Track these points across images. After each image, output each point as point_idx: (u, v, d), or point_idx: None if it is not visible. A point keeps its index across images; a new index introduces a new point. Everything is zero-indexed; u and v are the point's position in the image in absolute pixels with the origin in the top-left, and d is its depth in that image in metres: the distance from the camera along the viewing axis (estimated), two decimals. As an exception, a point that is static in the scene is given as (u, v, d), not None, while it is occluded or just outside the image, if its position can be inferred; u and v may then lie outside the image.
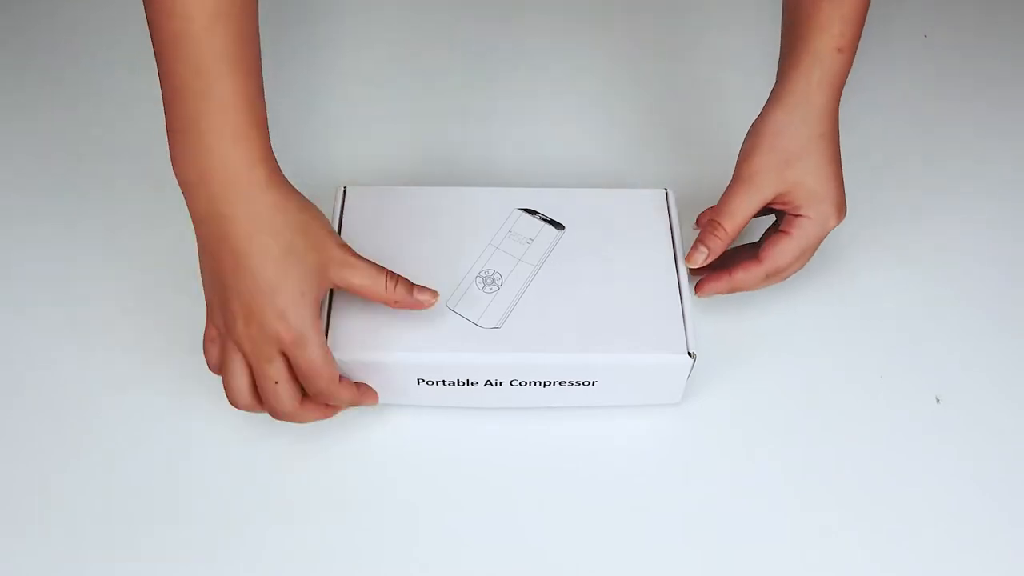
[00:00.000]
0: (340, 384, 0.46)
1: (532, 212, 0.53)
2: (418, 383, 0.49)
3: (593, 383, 0.49)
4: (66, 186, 0.62)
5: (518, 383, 0.49)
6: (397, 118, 0.67)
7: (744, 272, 0.51)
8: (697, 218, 0.55)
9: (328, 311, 0.48)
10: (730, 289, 0.52)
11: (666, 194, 0.55)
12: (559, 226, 0.53)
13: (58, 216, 0.60)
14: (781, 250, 0.50)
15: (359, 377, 0.49)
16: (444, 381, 0.49)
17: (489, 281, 0.50)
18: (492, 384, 0.49)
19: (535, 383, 0.49)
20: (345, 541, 0.47)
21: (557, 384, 0.49)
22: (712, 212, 0.55)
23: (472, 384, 0.49)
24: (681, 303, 0.50)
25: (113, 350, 0.54)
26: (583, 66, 0.71)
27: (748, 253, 0.52)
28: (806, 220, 0.50)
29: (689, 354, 0.48)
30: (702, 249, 0.51)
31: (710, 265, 0.52)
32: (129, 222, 0.60)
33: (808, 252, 0.51)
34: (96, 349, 0.54)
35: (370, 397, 0.49)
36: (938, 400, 0.52)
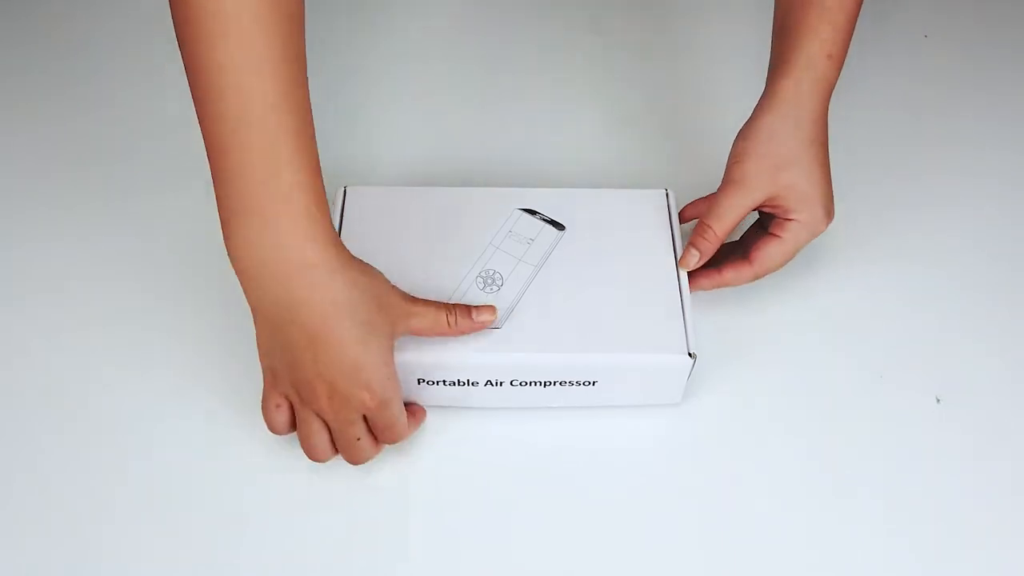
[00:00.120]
0: (409, 426, 0.47)
1: (532, 212, 0.53)
2: (419, 383, 0.49)
3: (593, 383, 0.49)
4: (67, 185, 0.62)
5: (518, 383, 0.49)
6: (397, 119, 0.67)
7: (734, 272, 0.52)
8: (680, 211, 0.55)
9: None
10: (718, 287, 0.53)
11: (666, 195, 0.55)
12: (559, 226, 0.53)
13: (60, 215, 0.60)
14: (771, 253, 0.51)
15: None
16: (444, 381, 0.49)
17: (489, 281, 0.50)
18: (492, 384, 0.49)
19: (535, 383, 0.49)
20: (343, 539, 0.47)
21: (557, 384, 0.49)
22: (693, 209, 0.56)
23: (472, 384, 0.49)
24: (681, 303, 0.50)
25: (115, 349, 0.54)
26: (584, 66, 0.71)
27: (736, 252, 0.53)
28: (797, 224, 0.50)
29: (689, 354, 0.48)
30: (694, 252, 0.51)
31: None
32: (132, 220, 0.60)
33: (794, 253, 0.52)
34: (98, 349, 0.54)
35: (419, 420, 0.50)
36: (938, 400, 0.52)
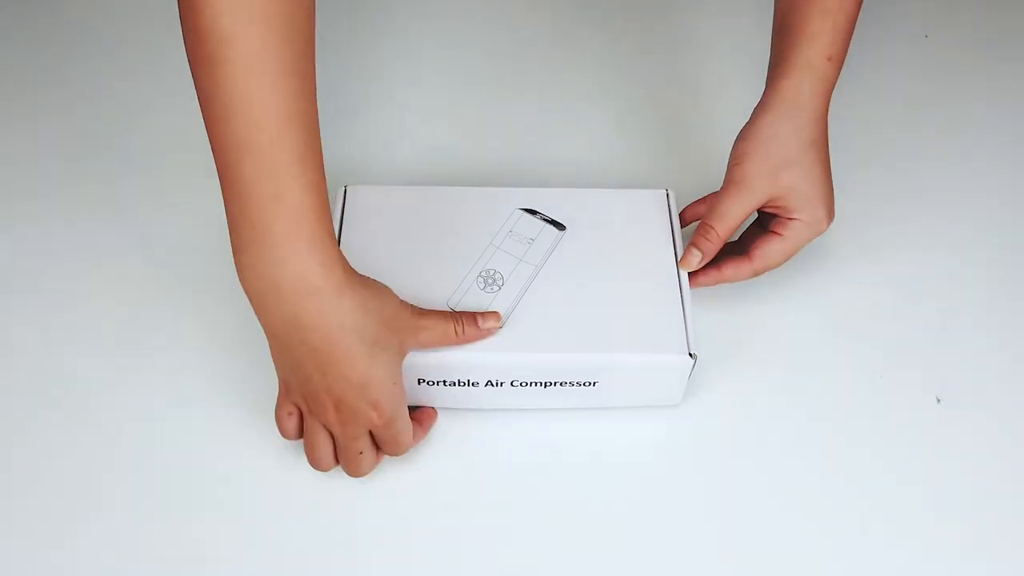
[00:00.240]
0: (415, 435, 0.48)
1: (533, 212, 0.53)
2: (419, 383, 0.49)
3: (594, 384, 0.49)
4: (69, 182, 0.62)
5: (519, 384, 0.49)
6: (397, 118, 0.67)
7: (733, 269, 0.52)
8: (680, 213, 0.56)
9: None
10: (717, 283, 0.53)
11: (667, 195, 0.55)
12: (560, 226, 0.53)
13: (60, 215, 0.60)
14: (772, 250, 0.52)
15: None
16: (445, 381, 0.49)
17: (490, 281, 0.50)
18: (493, 385, 0.49)
19: (536, 384, 0.49)
20: (342, 540, 0.47)
21: (558, 385, 0.49)
22: (692, 211, 0.56)
23: (473, 384, 0.49)
24: (682, 304, 0.50)
25: (117, 350, 0.54)
26: (585, 65, 0.71)
27: (736, 249, 0.53)
28: (799, 223, 0.51)
29: (690, 355, 0.48)
30: (695, 252, 0.51)
31: None
32: (136, 218, 0.60)
33: (795, 252, 0.52)
34: (100, 349, 0.54)
35: (426, 426, 0.50)
36: (938, 400, 0.53)
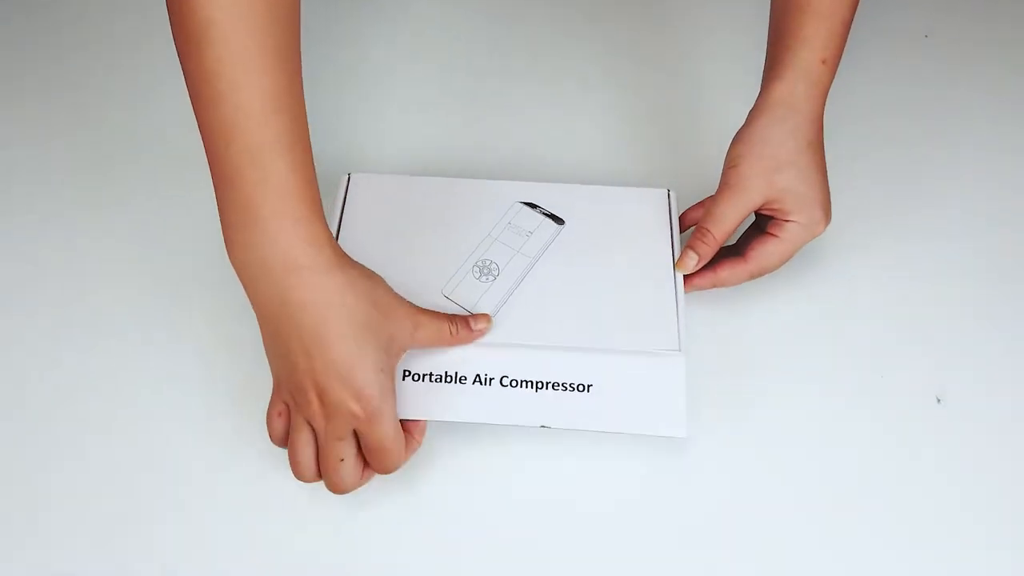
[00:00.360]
0: (404, 454, 0.45)
1: (533, 206, 0.53)
2: (404, 377, 0.47)
3: (588, 388, 0.47)
4: (70, 178, 0.62)
5: (508, 383, 0.48)
6: (402, 111, 0.67)
7: (730, 271, 0.52)
8: (681, 216, 0.55)
9: None
10: (713, 286, 0.53)
11: (668, 194, 0.55)
12: (559, 221, 0.53)
13: (62, 214, 0.60)
14: (768, 252, 0.51)
15: None
16: (431, 375, 0.47)
17: (485, 271, 0.50)
18: (481, 382, 0.48)
19: (526, 384, 0.47)
20: (329, 551, 0.47)
21: (550, 388, 0.47)
22: (689, 215, 0.56)
23: (461, 381, 0.47)
24: (676, 304, 0.50)
25: (117, 351, 0.54)
26: (588, 65, 0.71)
27: (732, 251, 0.53)
28: (796, 225, 0.51)
29: (679, 350, 0.48)
30: (692, 255, 0.51)
31: None
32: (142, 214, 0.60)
33: (793, 253, 0.52)
34: (100, 351, 0.54)
35: (417, 439, 0.47)
36: (938, 400, 0.52)
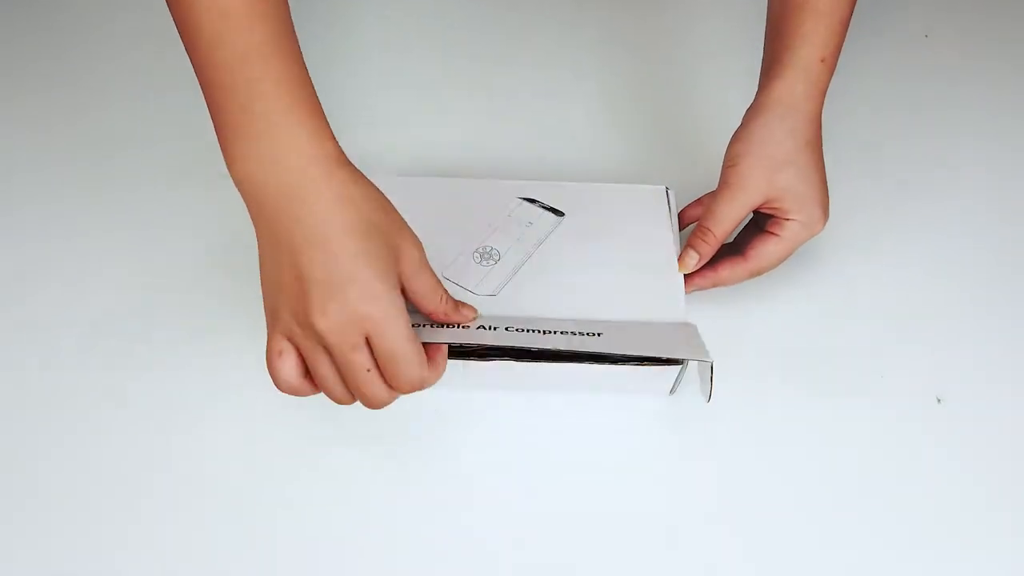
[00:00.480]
0: (426, 368, 0.42)
1: (533, 201, 0.54)
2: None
3: (598, 334, 0.47)
4: (70, 178, 0.62)
5: (514, 329, 0.47)
6: (398, 114, 0.67)
7: (730, 270, 0.52)
8: (680, 213, 0.56)
9: None
10: (714, 285, 0.53)
11: (667, 192, 0.55)
12: (559, 213, 0.53)
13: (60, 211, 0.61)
14: (768, 251, 0.52)
15: None
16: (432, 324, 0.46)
17: (486, 256, 0.51)
18: (485, 328, 0.47)
19: (534, 332, 0.47)
20: (327, 519, 0.47)
21: (560, 333, 0.47)
22: (688, 213, 0.56)
23: (464, 327, 0.47)
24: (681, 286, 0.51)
25: (120, 347, 0.54)
26: (589, 65, 0.71)
27: (731, 250, 0.53)
28: (795, 223, 0.51)
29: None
30: (693, 254, 0.52)
31: None
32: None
33: (792, 252, 0.52)
34: (105, 344, 0.54)
35: (438, 364, 0.45)
36: (939, 400, 0.52)
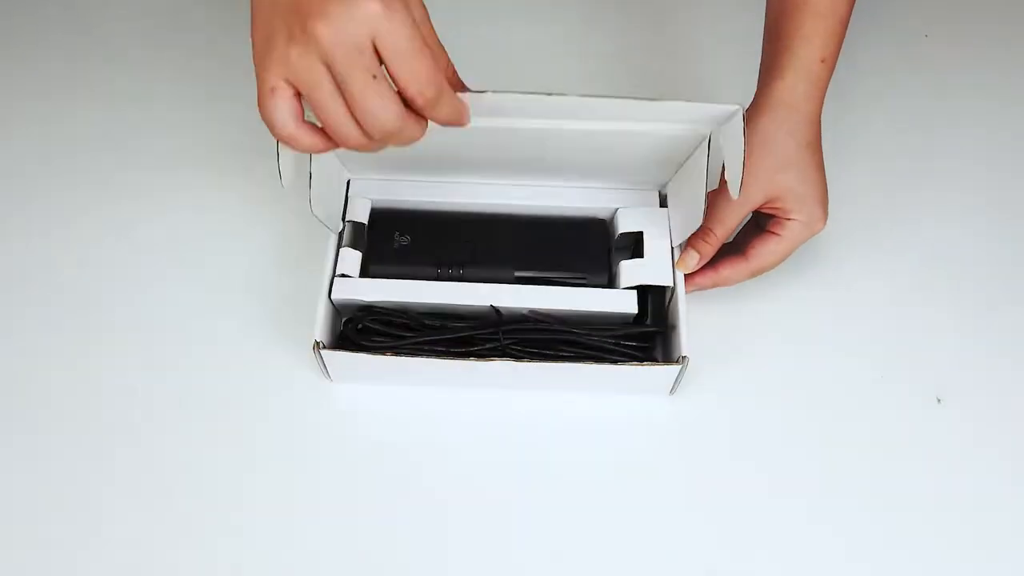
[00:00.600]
0: (440, 70, 0.37)
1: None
2: None
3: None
4: (71, 175, 0.62)
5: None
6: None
7: (730, 269, 0.52)
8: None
9: None
10: (714, 284, 0.53)
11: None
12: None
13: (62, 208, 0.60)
14: (769, 250, 0.52)
15: None
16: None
17: None
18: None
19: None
20: (327, 519, 0.47)
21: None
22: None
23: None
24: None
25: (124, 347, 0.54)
26: (588, 64, 0.71)
27: (731, 250, 0.53)
28: (796, 223, 0.51)
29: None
30: (694, 254, 0.52)
31: None
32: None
33: (793, 252, 0.52)
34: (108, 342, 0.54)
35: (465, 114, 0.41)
36: (939, 400, 0.53)
